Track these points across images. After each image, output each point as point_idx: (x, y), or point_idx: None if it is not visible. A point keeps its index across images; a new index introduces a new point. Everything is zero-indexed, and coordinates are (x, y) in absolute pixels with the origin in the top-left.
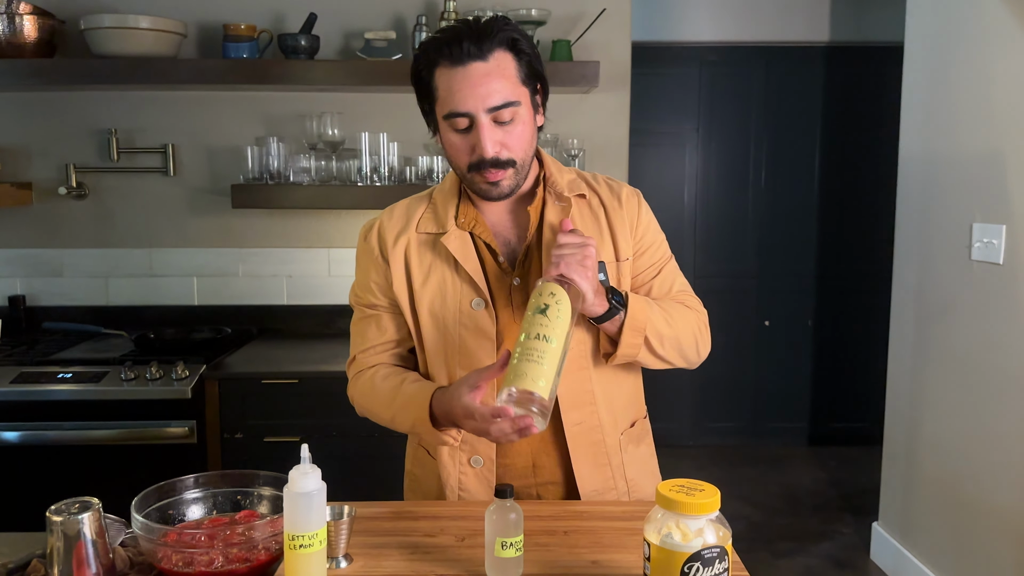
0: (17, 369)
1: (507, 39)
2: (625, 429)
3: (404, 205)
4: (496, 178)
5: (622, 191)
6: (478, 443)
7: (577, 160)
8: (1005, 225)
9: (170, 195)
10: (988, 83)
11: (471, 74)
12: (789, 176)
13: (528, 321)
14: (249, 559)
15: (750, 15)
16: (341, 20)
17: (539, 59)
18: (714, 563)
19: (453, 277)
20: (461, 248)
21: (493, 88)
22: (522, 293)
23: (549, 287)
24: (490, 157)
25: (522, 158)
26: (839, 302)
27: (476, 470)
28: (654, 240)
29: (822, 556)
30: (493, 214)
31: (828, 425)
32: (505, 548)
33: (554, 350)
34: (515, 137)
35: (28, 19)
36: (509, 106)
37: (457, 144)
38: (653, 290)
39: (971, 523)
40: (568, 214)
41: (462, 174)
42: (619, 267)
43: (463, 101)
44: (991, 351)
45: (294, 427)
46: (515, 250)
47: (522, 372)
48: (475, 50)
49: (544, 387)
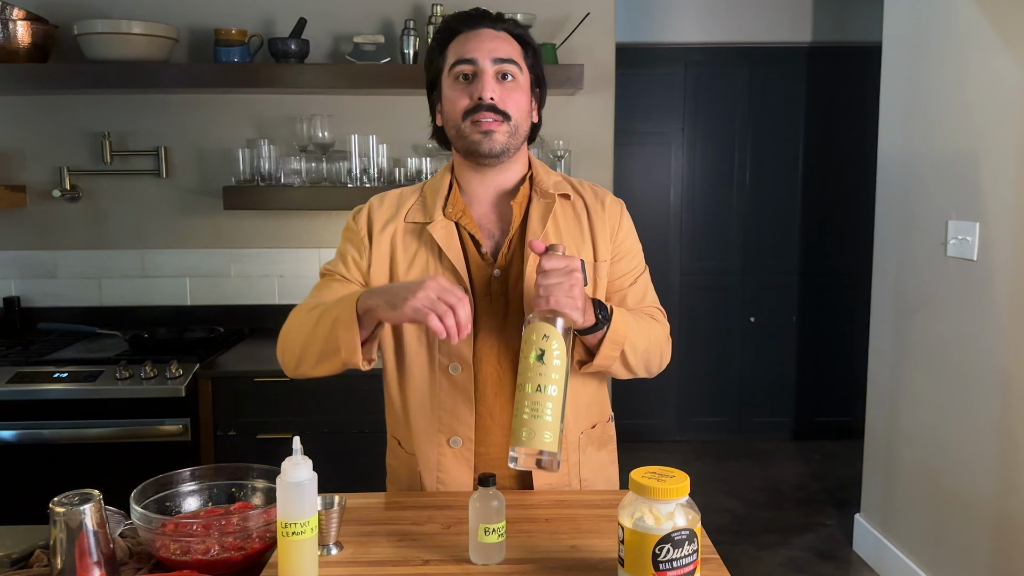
0: (13, 369)
1: (518, 32)
2: (585, 429)
3: (396, 194)
4: (490, 126)
5: (606, 197)
6: (455, 423)
7: (563, 161)
8: (979, 222)
9: (163, 197)
10: (963, 83)
11: (483, 34)
12: (773, 174)
13: (527, 369)
14: (244, 547)
15: (734, 16)
16: (330, 24)
17: (541, 62)
18: (684, 544)
19: (436, 265)
20: (446, 237)
21: (500, 46)
22: (502, 283)
23: (543, 328)
24: (488, 100)
25: (516, 117)
26: (823, 298)
27: (455, 450)
28: (632, 248)
29: (805, 548)
30: (480, 207)
31: (812, 420)
32: (488, 534)
33: (556, 398)
34: (512, 98)
35: (22, 24)
36: (512, 63)
37: (457, 93)
38: (628, 298)
39: (948, 514)
40: (551, 210)
41: (457, 129)
42: (596, 267)
43: (472, 50)
44: (966, 345)
45: (286, 424)
46: (499, 243)
47: (530, 430)
48: (491, 23)
49: (551, 441)
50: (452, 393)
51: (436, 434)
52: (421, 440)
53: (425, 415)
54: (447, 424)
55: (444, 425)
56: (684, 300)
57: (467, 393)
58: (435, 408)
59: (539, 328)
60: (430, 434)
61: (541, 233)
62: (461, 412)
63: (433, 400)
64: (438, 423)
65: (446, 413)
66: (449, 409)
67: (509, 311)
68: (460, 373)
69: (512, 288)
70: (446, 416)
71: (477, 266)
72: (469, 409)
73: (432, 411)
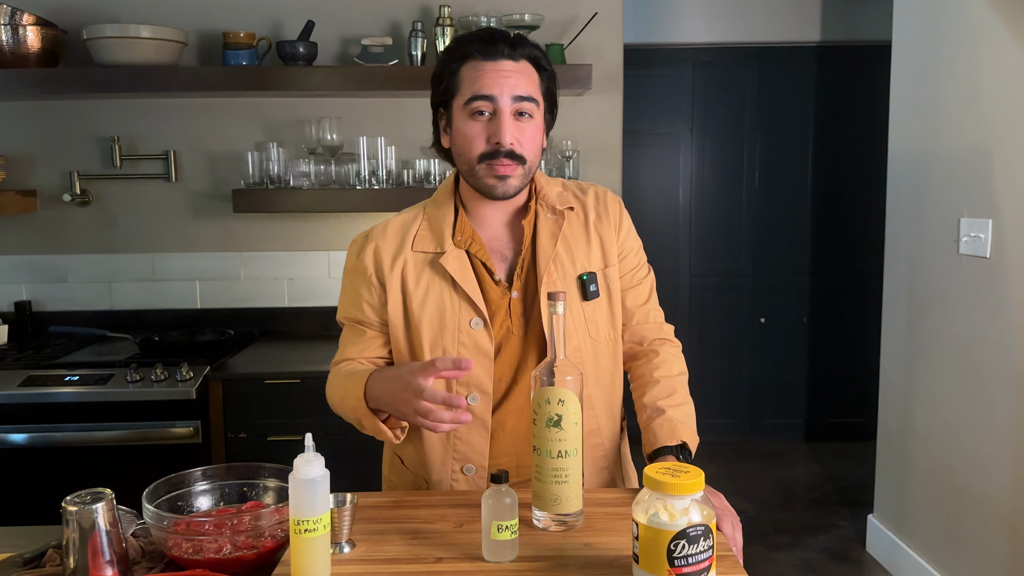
0: (24, 372)
1: (535, 56)
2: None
3: (398, 223)
4: (507, 171)
5: (607, 197)
6: (470, 452)
7: (571, 162)
8: (991, 219)
9: (172, 201)
10: (974, 80)
11: (501, 67)
12: (782, 174)
13: (542, 436)
14: (256, 546)
15: (742, 16)
16: (338, 27)
17: (555, 83)
18: (699, 540)
19: (451, 296)
20: (459, 269)
21: (520, 82)
22: (520, 304)
23: (556, 394)
24: (507, 146)
25: (531, 160)
26: (834, 298)
27: (468, 477)
28: (632, 246)
29: (819, 549)
30: (489, 229)
31: (825, 421)
32: (501, 531)
33: (577, 459)
34: (528, 137)
35: (31, 30)
36: (530, 101)
37: (474, 132)
38: (627, 300)
39: (963, 513)
40: (560, 227)
41: (471, 167)
42: (606, 273)
43: (491, 86)
44: (980, 343)
45: (296, 426)
46: (512, 263)
47: (556, 496)
48: (508, 51)
49: (575, 502)
50: (469, 423)
51: (451, 461)
52: (435, 465)
53: (441, 442)
54: (462, 452)
55: (459, 454)
56: (694, 301)
57: (484, 423)
58: (451, 437)
59: (553, 393)
60: (445, 460)
61: (553, 252)
62: (476, 442)
63: (450, 431)
64: (453, 451)
65: (462, 442)
66: (465, 439)
67: (530, 330)
68: (479, 403)
69: (530, 307)
70: (461, 445)
71: (492, 292)
72: (485, 439)
73: (448, 439)
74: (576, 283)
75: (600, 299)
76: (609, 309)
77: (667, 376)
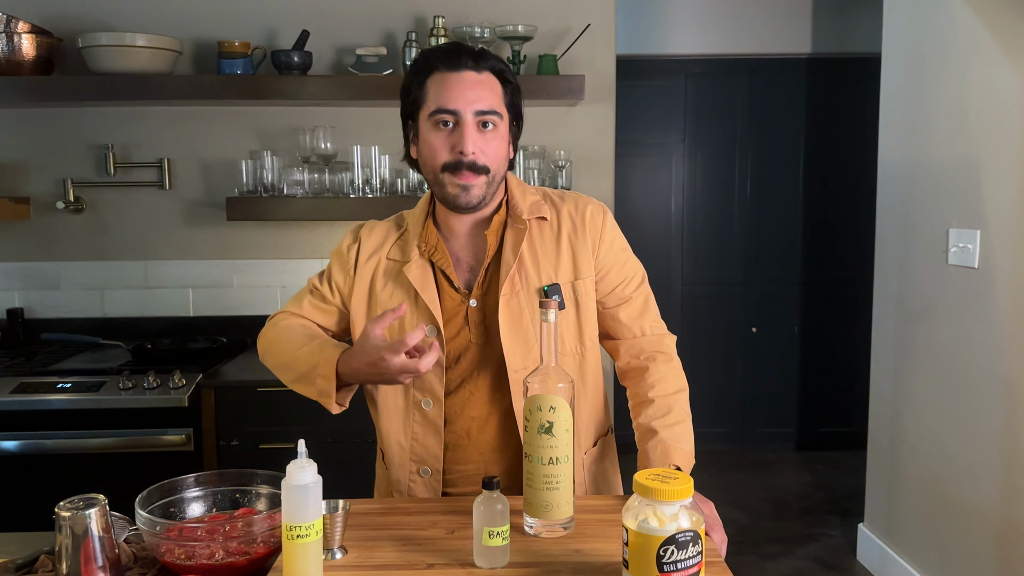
0: (16, 379)
1: (499, 68)
2: (588, 449)
3: (384, 227)
4: (469, 181)
5: (587, 209)
6: (426, 455)
7: (564, 171)
8: (979, 230)
9: (166, 208)
10: (963, 93)
11: (465, 79)
12: (774, 185)
13: (533, 443)
14: (248, 552)
15: (734, 28)
16: (333, 36)
17: (520, 97)
18: (688, 546)
19: (412, 305)
20: (421, 278)
21: (483, 94)
22: (479, 313)
23: (548, 401)
24: (468, 157)
25: (495, 170)
26: (824, 308)
27: (424, 479)
28: (617, 260)
29: (809, 558)
30: (458, 239)
31: (815, 430)
32: (492, 537)
33: (568, 465)
34: (492, 148)
35: (26, 37)
36: (493, 114)
37: (437, 142)
38: (621, 315)
39: (952, 522)
40: (522, 237)
41: (435, 177)
42: (576, 285)
43: (454, 99)
44: (968, 353)
45: (288, 434)
46: (476, 272)
47: (548, 503)
48: (471, 63)
49: (567, 508)
50: (424, 426)
51: (409, 462)
52: (395, 465)
53: (399, 444)
54: (418, 454)
55: (415, 455)
56: (685, 310)
57: (437, 427)
58: (408, 439)
59: (545, 400)
60: (403, 462)
61: (514, 262)
62: (431, 445)
63: (406, 432)
64: (410, 452)
65: (418, 444)
66: (421, 441)
67: (488, 339)
68: (432, 408)
69: (490, 316)
70: (417, 447)
71: (450, 300)
72: (438, 442)
73: (405, 441)
74: (538, 294)
75: (566, 311)
76: (577, 322)
77: (662, 395)
